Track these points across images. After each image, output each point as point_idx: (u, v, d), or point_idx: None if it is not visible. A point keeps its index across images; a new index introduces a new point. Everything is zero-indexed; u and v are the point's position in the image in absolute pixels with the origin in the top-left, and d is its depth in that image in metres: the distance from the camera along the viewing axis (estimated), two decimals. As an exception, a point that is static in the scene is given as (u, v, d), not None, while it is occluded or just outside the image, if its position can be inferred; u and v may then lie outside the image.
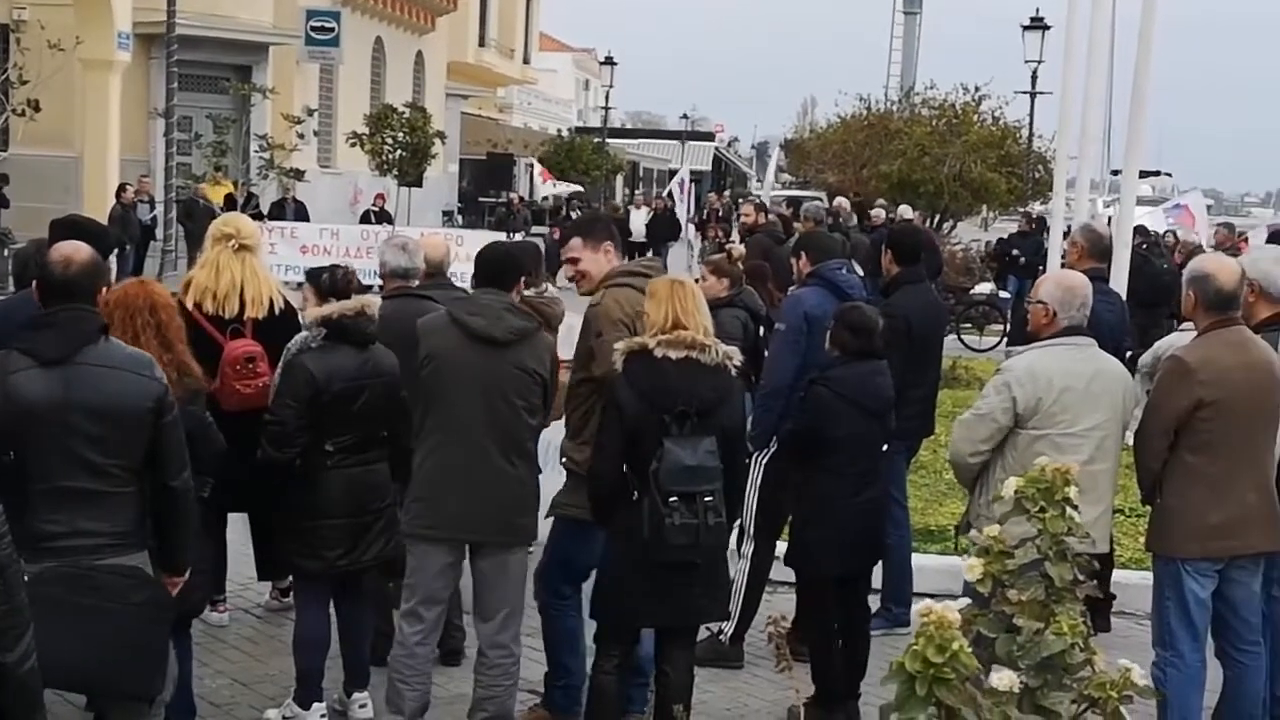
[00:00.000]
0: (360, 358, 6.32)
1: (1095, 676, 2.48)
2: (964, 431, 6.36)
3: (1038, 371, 6.20)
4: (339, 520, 6.28)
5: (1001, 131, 32.40)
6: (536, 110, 64.41)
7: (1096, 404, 6.24)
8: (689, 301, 5.84)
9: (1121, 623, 8.42)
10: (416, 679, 6.12)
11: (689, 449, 5.63)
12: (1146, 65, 12.78)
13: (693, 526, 5.61)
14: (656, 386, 5.67)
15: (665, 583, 5.74)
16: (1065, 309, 6.34)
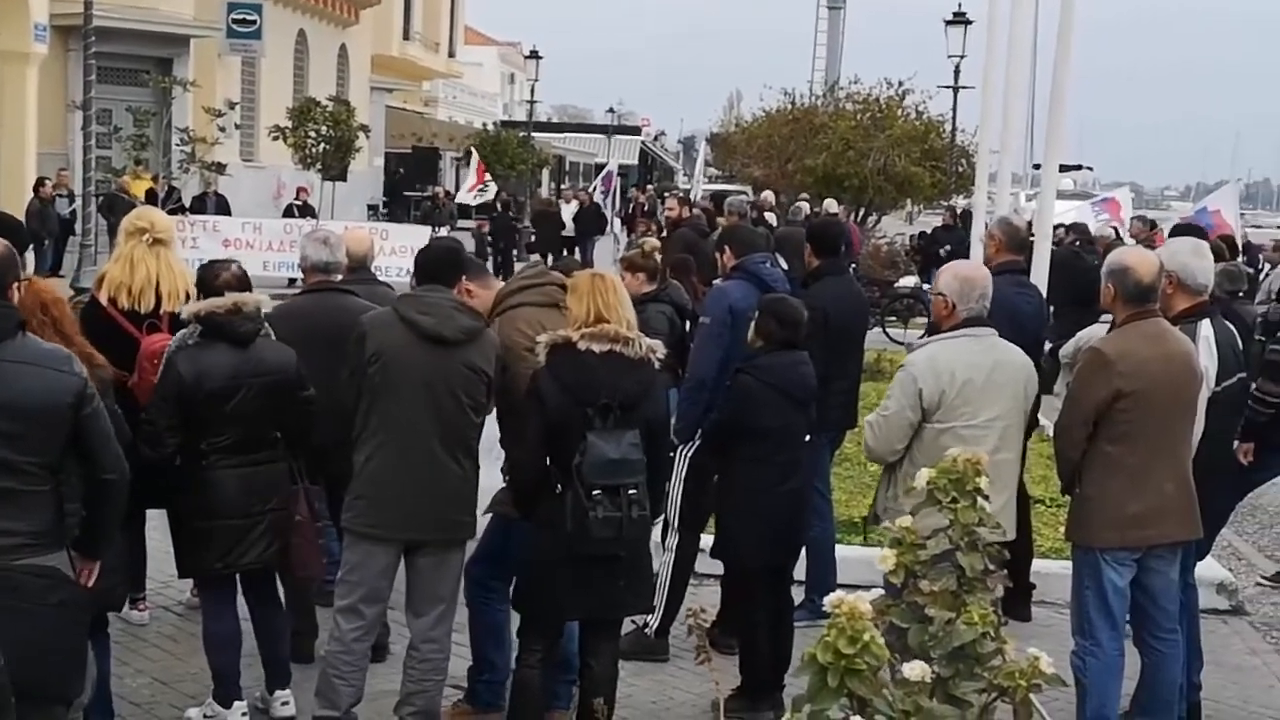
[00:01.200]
0: (238, 356, 6.20)
1: (1005, 666, 2.49)
2: (877, 434, 6.38)
3: (940, 364, 6.25)
4: (229, 521, 6.21)
5: (925, 126, 32.61)
6: (462, 104, 64.13)
7: (999, 394, 6.30)
8: (611, 295, 5.84)
9: (1042, 612, 8.51)
10: (353, 674, 6.09)
11: (612, 442, 5.63)
12: (1066, 60, 12.93)
13: (616, 519, 5.61)
14: (580, 380, 5.67)
15: (589, 576, 5.73)
16: (964, 300, 6.40)
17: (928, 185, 31.52)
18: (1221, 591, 9.04)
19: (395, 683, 6.30)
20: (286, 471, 6.39)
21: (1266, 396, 8.85)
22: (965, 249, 18.19)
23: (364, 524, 6.02)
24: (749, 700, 6.73)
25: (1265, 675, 8.01)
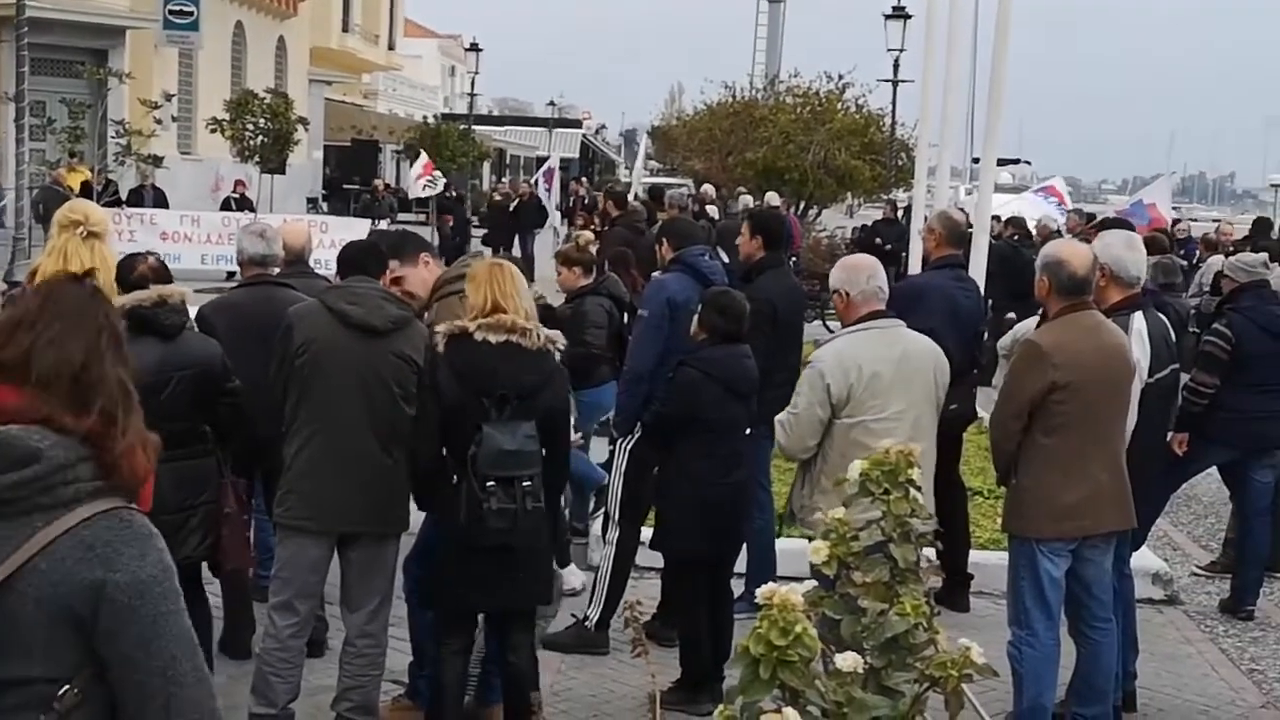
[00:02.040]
0: (165, 348, 6.14)
1: (937, 656, 2.51)
2: (789, 432, 6.40)
3: (846, 359, 6.27)
4: (162, 517, 6.13)
5: (865, 119, 32.79)
6: (402, 97, 63.84)
7: (907, 386, 6.34)
8: (508, 284, 5.77)
9: (980, 603, 8.57)
10: (288, 670, 6.04)
11: (508, 433, 5.58)
12: (1004, 54, 12.99)
13: (510, 511, 5.56)
14: (476, 370, 5.61)
15: (486, 568, 5.69)
16: (855, 286, 6.43)
17: (868, 179, 31.69)
18: (1157, 581, 9.13)
19: (333, 678, 6.26)
20: (215, 465, 6.33)
21: (1200, 387, 8.95)
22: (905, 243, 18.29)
23: (295, 517, 5.97)
24: (688, 692, 6.75)
25: (1200, 664, 8.10)
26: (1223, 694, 7.62)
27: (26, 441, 2.69)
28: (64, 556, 2.66)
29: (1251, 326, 8.99)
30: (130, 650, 2.68)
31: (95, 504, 2.72)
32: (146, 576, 2.70)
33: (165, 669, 2.71)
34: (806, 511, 6.30)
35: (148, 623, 2.70)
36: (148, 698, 2.70)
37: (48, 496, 2.69)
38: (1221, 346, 8.97)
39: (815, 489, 6.34)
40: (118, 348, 2.96)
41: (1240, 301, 9.17)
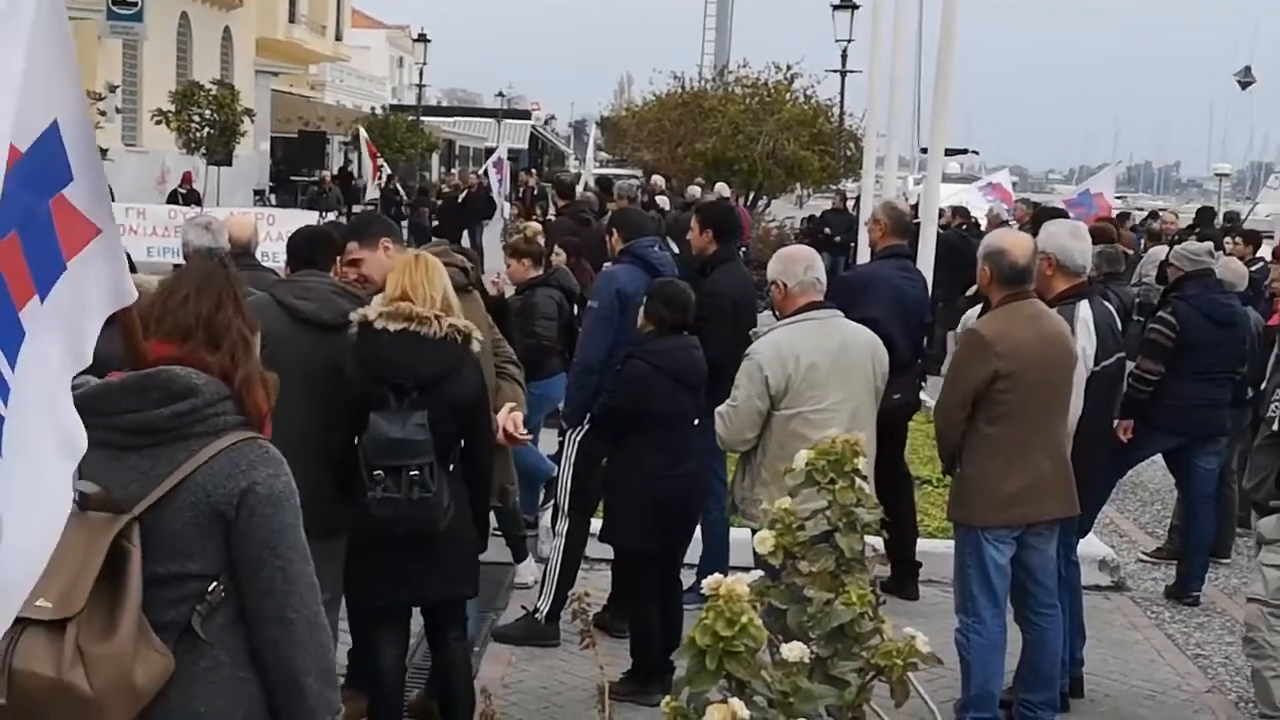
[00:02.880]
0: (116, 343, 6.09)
1: (882, 645, 2.52)
2: (728, 424, 6.41)
3: (784, 350, 6.29)
4: None
5: (813, 110, 32.91)
6: (349, 88, 63.48)
7: (845, 376, 6.37)
8: (419, 274, 5.72)
9: (928, 590, 8.62)
10: None
11: (396, 422, 5.50)
12: (950, 43, 13.06)
13: (394, 500, 5.48)
14: (376, 358, 5.56)
15: (395, 560, 5.65)
16: (792, 277, 6.46)
17: (816, 169, 31.81)
18: (1104, 568, 9.20)
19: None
20: None
21: (1146, 374, 9.02)
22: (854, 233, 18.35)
23: None
24: (639, 683, 6.76)
25: (1146, 649, 8.17)
26: (1169, 679, 7.70)
27: (188, 379, 3.36)
28: (217, 472, 3.30)
29: (1196, 314, 9.07)
30: (259, 551, 3.28)
31: (239, 433, 3.41)
32: (279, 491, 3.37)
33: (285, 569, 3.30)
34: (748, 503, 6.32)
35: (276, 530, 3.32)
36: (268, 593, 3.29)
37: (203, 425, 3.36)
38: (1166, 334, 9.05)
39: (756, 480, 6.37)
40: (237, 304, 3.59)
41: (1185, 290, 9.25)
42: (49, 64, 3.19)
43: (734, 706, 2.17)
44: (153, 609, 3.20)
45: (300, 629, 3.34)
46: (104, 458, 3.26)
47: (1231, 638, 8.52)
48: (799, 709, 2.29)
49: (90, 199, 3.35)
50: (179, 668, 3.21)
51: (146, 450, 3.33)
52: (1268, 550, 6.35)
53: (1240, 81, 52.91)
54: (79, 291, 3.23)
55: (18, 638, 3.10)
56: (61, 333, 3.13)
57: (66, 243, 3.27)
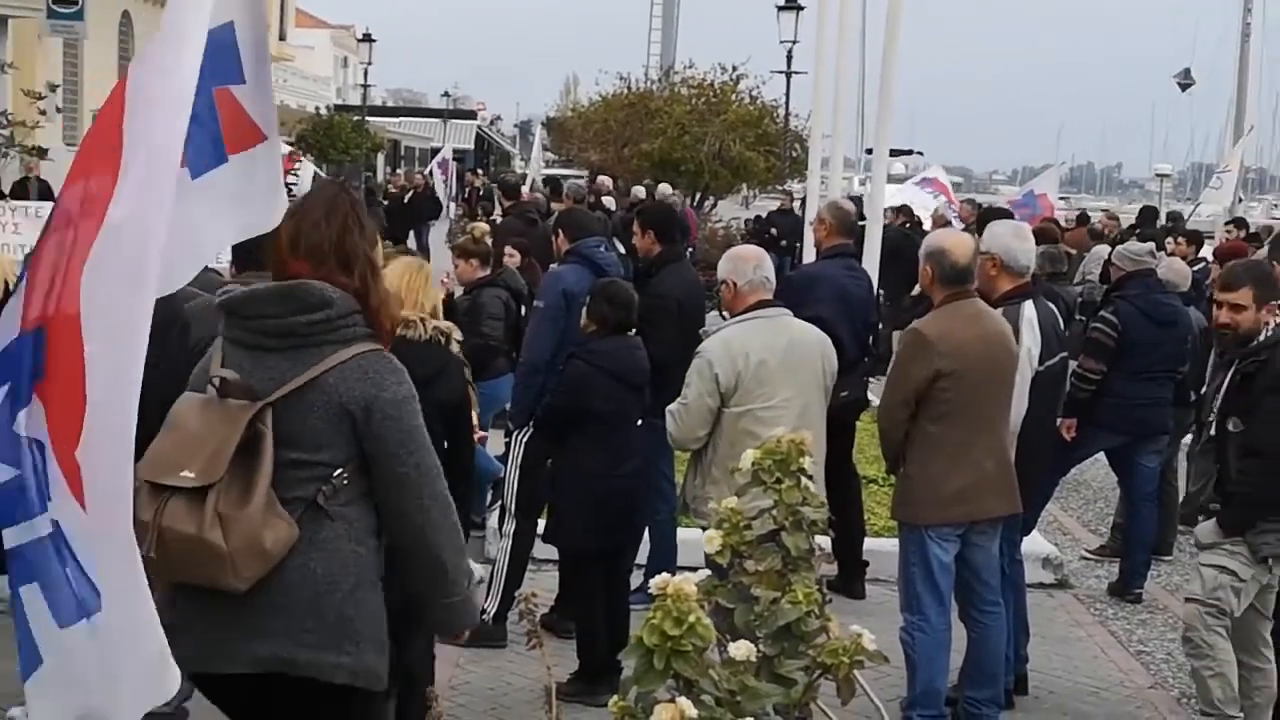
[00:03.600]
0: None
1: (829, 643, 2.53)
2: (679, 422, 6.43)
3: (734, 348, 6.32)
4: None
5: (759, 111, 32.99)
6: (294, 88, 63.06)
7: (794, 374, 6.40)
8: (418, 280, 5.78)
9: (874, 589, 8.66)
10: None
11: None
12: (894, 44, 13.12)
13: None
14: None
15: None
16: (742, 276, 6.50)
17: (762, 170, 31.88)
18: (1047, 566, 9.27)
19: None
20: None
21: (1088, 373, 9.10)
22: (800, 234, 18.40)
23: None
24: (586, 684, 6.75)
25: (1090, 646, 8.24)
26: (1112, 675, 7.77)
27: (323, 293, 3.81)
28: (345, 375, 3.78)
29: (1137, 314, 9.16)
30: (395, 449, 3.79)
31: (366, 344, 3.85)
32: (404, 396, 3.84)
33: (419, 464, 3.82)
34: (699, 502, 6.33)
35: (405, 430, 3.81)
36: (404, 485, 3.81)
37: (335, 334, 3.82)
38: (1108, 333, 9.13)
39: (706, 479, 6.38)
40: (362, 229, 3.97)
41: (1127, 289, 9.34)
42: None
43: (682, 706, 2.17)
44: (283, 486, 3.71)
45: (436, 514, 3.85)
46: (247, 356, 3.86)
47: (1174, 634, 8.59)
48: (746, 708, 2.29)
49: (260, 106, 3.82)
50: (302, 536, 3.70)
51: (285, 352, 3.83)
52: (1205, 552, 6.41)
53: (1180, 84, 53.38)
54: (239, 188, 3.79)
55: (166, 502, 3.66)
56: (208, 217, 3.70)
57: (229, 136, 3.77)
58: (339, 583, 3.78)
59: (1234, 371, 6.37)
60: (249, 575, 3.65)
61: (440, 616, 4.05)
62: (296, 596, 3.73)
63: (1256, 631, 6.49)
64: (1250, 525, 6.25)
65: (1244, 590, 6.31)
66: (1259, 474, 6.22)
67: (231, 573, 3.64)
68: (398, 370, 3.91)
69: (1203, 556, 6.41)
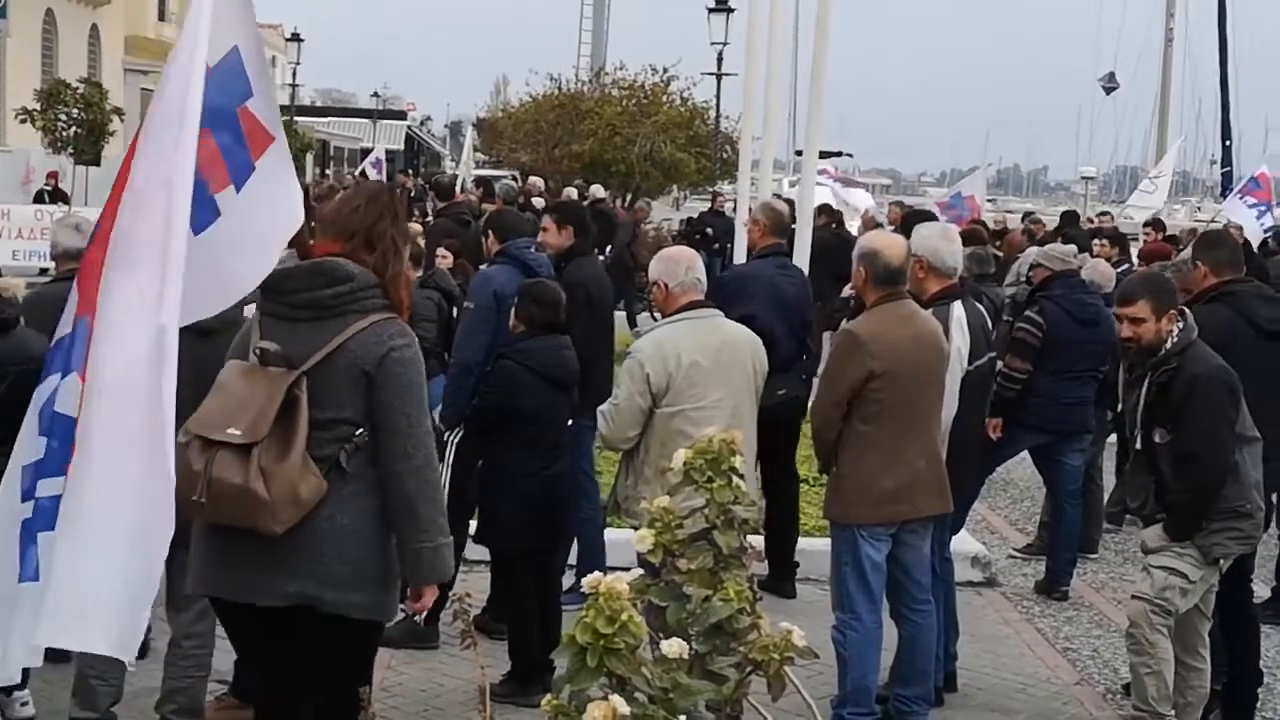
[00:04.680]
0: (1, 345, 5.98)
1: (759, 640, 2.55)
2: (611, 422, 6.43)
3: (665, 348, 6.34)
4: None
5: (690, 112, 33.06)
6: (222, 87, 62.48)
7: (726, 374, 6.43)
8: None
9: (805, 588, 8.70)
10: (111, 674, 5.90)
11: None
12: (825, 47, 13.18)
13: None
14: None
15: None
16: (674, 277, 6.52)
17: (693, 171, 31.95)
18: (976, 564, 9.35)
19: (156, 679, 6.14)
20: None
21: (1014, 373, 9.18)
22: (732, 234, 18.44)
23: None
24: (519, 684, 6.75)
25: (1017, 644, 8.32)
26: (1039, 672, 7.85)
27: (346, 268, 4.48)
28: (364, 340, 4.41)
29: (1062, 314, 9.26)
30: (391, 399, 4.39)
31: (383, 314, 4.49)
32: (410, 357, 4.46)
33: (409, 415, 4.41)
34: (631, 501, 6.34)
35: (404, 384, 4.42)
36: (395, 432, 4.39)
37: (356, 305, 4.46)
38: (1033, 333, 9.22)
39: (639, 479, 6.39)
40: (395, 218, 4.66)
41: (1052, 290, 9.44)
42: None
43: (614, 703, 2.19)
44: (313, 446, 4.32)
45: (417, 463, 4.39)
46: (282, 327, 4.46)
47: (1099, 631, 8.71)
48: (679, 704, 2.31)
49: (267, 111, 4.32)
50: (329, 490, 4.33)
51: (314, 322, 4.44)
52: (1155, 554, 6.47)
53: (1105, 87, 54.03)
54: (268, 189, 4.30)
55: (215, 455, 4.27)
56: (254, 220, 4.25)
57: (253, 145, 4.27)
58: (359, 532, 4.39)
59: (1149, 384, 6.44)
60: (285, 520, 4.27)
61: (409, 563, 4.47)
62: (325, 543, 4.35)
63: (1196, 631, 6.57)
64: (1197, 529, 6.34)
65: (1192, 591, 6.41)
66: (1197, 479, 6.30)
67: (271, 518, 4.25)
68: (407, 334, 4.52)
69: (1152, 558, 6.47)
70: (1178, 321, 6.41)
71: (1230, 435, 6.36)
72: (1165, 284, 6.85)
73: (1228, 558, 6.44)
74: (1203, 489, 6.30)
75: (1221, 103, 43.38)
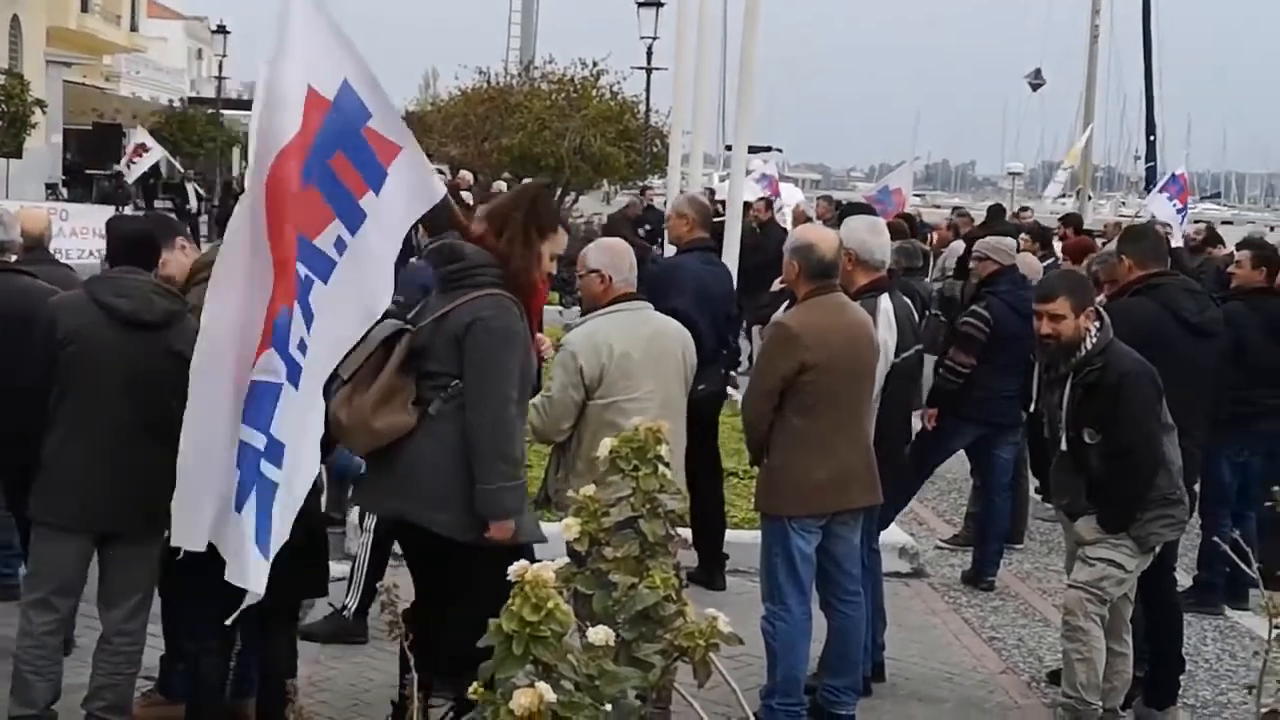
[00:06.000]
0: None
1: (685, 627, 2.57)
2: (544, 415, 6.41)
3: (598, 340, 6.34)
4: None
5: (620, 106, 33.06)
6: (146, 80, 61.83)
7: (657, 366, 6.44)
8: None
9: (735, 580, 8.72)
10: (48, 669, 5.82)
11: None
12: (753, 41, 13.21)
13: None
14: None
15: None
16: (618, 272, 6.53)
17: (623, 165, 31.95)
18: (903, 555, 9.42)
19: (82, 676, 6.05)
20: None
21: (958, 366, 9.13)
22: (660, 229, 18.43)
23: (56, 516, 5.74)
24: (454, 676, 6.71)
25: (944, 633, 8.40)
26: (965, 661, 7.92)
27: (459, 248, 5.52)
28: (464, 310, 5.34)
29: (1007, 309, 9.21)
30: (472, 362, 5.32)
31: (492, 290, 5.38)
32: (495, 329, 5.32)
33: (484, 378, 5.32)
34: (561, 495, 6.33)
35: (486, 349, 5.32)
36: (474, 390, 5.33)
37: (469, 280, 5.41)
38: (980, 328, 9.16)
39: (570, 471, 6.38)
40: (531, 211, 5.56)
41: (998, 285, 9.38)
42: (330, 38, 4.90)
43: (540, 690, 2.19)
44: (422, 390, 5.37)
45: (485, 417, 5.30)
46: (438, 295, 5.48)
47: (1025, 620, 8.81)
48: (605, 692, 2.32)
49: (390, 127, 4.99)
50: (425, 428, 5.36)
51: (444, 293, 5.46)
52: (1093, 547, 6.53)
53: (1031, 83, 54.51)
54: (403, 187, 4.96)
55: (338, 389, 5.31)
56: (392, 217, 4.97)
57: (382, 156, 4.93)
58: (438, 465, 5.33)
59: (1073, 385, 6.51)
60: (360, 445, 5.49)
61: (475, 498, 5.30)
62: (414, 470, 5.36)
63: (1122, 617, 6.67)
64: (1132, 521, 6.42)
65: (1126, 581, 6.51)
66: (1132, 474, 6.39)
67: (349, 441, 5.40)
68: (504, 310, 5.36)
69: (1088, 549, 6.53)
70: (1095, 321, 6.49)
71: (1159, 428, 6.46)
72: (1083, 281, 6.94)
73: (1161, 545, 6.54)
74: (1138, 483, 6.39)
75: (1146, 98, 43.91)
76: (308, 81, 4.76)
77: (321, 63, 4.83)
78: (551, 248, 5.66)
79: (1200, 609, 8.84)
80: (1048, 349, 6.72)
